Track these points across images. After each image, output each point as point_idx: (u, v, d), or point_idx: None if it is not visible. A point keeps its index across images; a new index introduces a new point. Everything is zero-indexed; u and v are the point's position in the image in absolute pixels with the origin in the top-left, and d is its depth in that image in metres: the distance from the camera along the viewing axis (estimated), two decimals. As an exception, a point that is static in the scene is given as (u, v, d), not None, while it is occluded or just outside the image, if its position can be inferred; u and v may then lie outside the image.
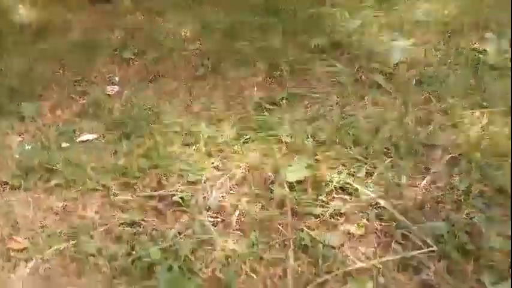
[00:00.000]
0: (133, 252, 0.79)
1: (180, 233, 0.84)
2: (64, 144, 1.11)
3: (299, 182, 0.92)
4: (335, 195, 0.89)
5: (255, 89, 1.33)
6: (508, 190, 0.85)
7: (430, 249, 0.75)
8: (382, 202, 0.85)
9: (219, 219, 0.88)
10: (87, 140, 1.13)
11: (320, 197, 0.89)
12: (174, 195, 0.92)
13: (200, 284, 0.73)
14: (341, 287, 0.73)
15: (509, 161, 0.90)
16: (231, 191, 0.94)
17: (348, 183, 0.91)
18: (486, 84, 1.21)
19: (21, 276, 0.78)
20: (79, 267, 0.79)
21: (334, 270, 0.75)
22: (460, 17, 1.64)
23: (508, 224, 0.78)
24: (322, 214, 0.86)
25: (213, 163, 1.01)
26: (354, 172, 0.94)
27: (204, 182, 0.96)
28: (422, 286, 0.73)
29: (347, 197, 0.89)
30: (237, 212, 0.88)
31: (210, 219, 0.87)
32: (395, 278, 0.73)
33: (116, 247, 0.81)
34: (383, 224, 0.83)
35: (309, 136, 1.05)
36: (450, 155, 0.96)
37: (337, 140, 1.03)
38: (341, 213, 0.86)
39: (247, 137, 1.08)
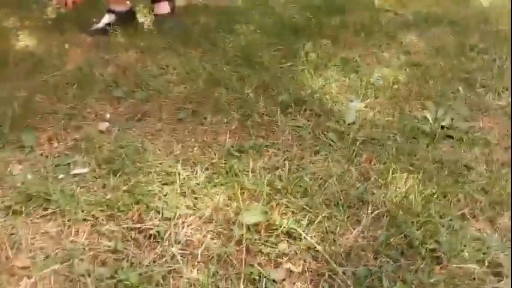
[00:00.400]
0: (116, 276, 0.98)
1: (154, 262, 1.04)
2: (60, 176, 1.30)
3: (255, 224, 1.14)
4: (282, 238, 1.11)
5: (228, 136, 1.55)
6: (416, 243, 1.09)
7: None
8: (318, 247, 1.08)
9: (187, 252, 1.08)
10: (80, 173, 1.32)
11: (270, 239, 1.11)
12: (151, 228, 1.12)
13: (168, 305, 0.93)
14: (277, 313, 0.94)
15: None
16: (199, 228, 1.15)
17: (293, 229, 1.13)
18: (417, 150, 1.48)
19: (26, 284, 0.96)
20: (71, 286, 0.97)
21: (274, 300, 0.96)
22: (408, 84, 1.92)
23: (407, 272, 1.02)
24: (270, 253, 1.07)
25: (185, 202, 1.22)
26: (300, 219, 1.16)
27: (177, 219, 1.16)
28: (340, 316, 0.95)
29: (291, 240, 1.11)
30: (202, 247, 1.09)
31: (179, 251, 1.07)
32: (320, 309, 0.95)
33: (101, 270, 1.00)
34: (317, 265, 1.05)
35: (267, 184, 1.28)
36: (377, 211, 1.20)
37: (290, 190, 1.26)
38: (285, 253, 1.07)
39: (217, 181, 1.30)
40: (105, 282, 0.97)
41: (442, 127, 1.62)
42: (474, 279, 1.01)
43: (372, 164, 1.41)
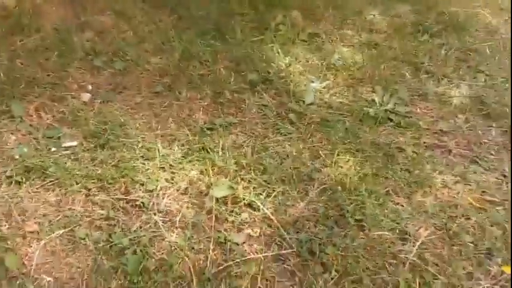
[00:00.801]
0: (111, 239, 1.23)
1: (141, 227, 1.29)
2: (52, 149, 1.48)
3: (223, 197, 1.40)
4: (244, 209, 1.38)
5: (201, 113, 1.76)
6: (347, 215, 1.40)
7: (292, 250, 1.28)
8: (272, 217, 1.36)
9: (167, 219, 1.33)
10: (70, 146, 1.51)
11: (235, 209, 1.38)
12: (137, 200, 1.36)
13: (154, 263, 1.20)
14: (238, 268, 1.23)
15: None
16: (176, 199, 1.40)
17: (253, 201, 1.40)
18: (361, 133, 1.75)
19: (34, 250, 1.19)
20: (73, 246, 1.21)
21: (236, 259, 1.25)
22: (363, 67, 2.14)
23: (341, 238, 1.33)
24: (234, 221, 1.35)
25: (165, 176, 1.45)
26: (259, 193, 1.43)
27: (158, 191, 1.40)
28: (285, 271, 1.26)
29: (252, 211, 1.38)
30: (180, 215, 1.35)
31: (161, 218, 1.33)
32: (270, 265, 1.26)
33: (98, 234, 1.25)
34: (271, 231, 1.34)
35: (234, 162, 1.52)
36: (322, 187, 1.49)
37: (253, 167, 1.52)
38: (246, 222, 1.35)
39: (191, 157, 1.53)
40: (101, 245, 1.22)
41: (386, 111, 1.89)
42: (386, 243, 1.33)
43: (323, 144, 1.68)
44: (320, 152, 1.64)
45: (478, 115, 1.92)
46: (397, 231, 1.37)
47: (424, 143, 1.75)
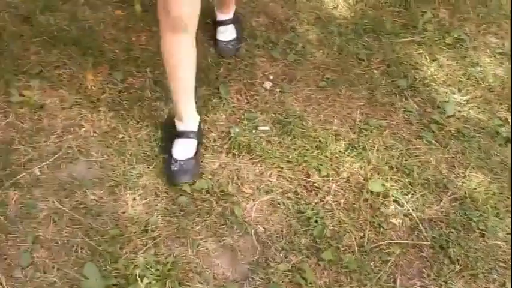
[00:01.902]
0: (299, 208, 1.77)
1: (318, 203, 1.81)
2: (253, 131, 2.01)
3: (377, 191, 1.85)
4: (392, 203, 1.83)
5: (358, 112, 2.16)
6: (473, 224, 1.79)
7: (428, 242, 1.73)
8: (412, 213, 1.80)
9: (336, 201, 1.83)
10: (264, 130, 2.02)
11: (384, 202, 1.83)
12: (315, 182, 1.87)
13: (329, 232, 1.72)
14: (387, 248, 1.72)
15: None
16: (341, 185, 1.88)
17: (399, 198, 1.84)
18: (492, 150, 2.05)
19: (251, 206, 1.77)
20: (274, 209, 1.78)
21: (386, 240, 1.74)
22: (502, 83, 2.35)
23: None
24: (383, 211, 1.81)
25: (332, 165, 1.93)
26: (405, 193, 1.86)
27: (328, 177, 1.89)
28: (421, 257, 1.72)
29: (397, 206, 1.83)
30: (343, 199, 1.84)
31: (331, 199, 1.83)
32: (410, 250, 1.72)
33: (290, 203, 1.79)
34: (410, 223, 1.79)
35: (385, 162, 1.95)
36: (454, 196, 1.87)
37: (400, 170, 1.93)
38: (392, 213, 1.81)
39: (353, 153, 1.98)
40: (293, 211, 1.77)
41: (516, 131, 2.15)
42: (500, 251, 1.73)
43: (458, 156, 2.03)
44: (455, 164, 2.00)
45: None
46: (509, 241, 1.75)
47: (545, 168, 2.02)
